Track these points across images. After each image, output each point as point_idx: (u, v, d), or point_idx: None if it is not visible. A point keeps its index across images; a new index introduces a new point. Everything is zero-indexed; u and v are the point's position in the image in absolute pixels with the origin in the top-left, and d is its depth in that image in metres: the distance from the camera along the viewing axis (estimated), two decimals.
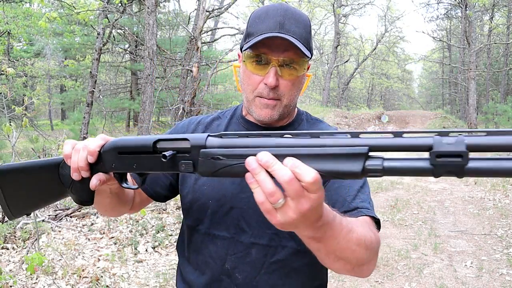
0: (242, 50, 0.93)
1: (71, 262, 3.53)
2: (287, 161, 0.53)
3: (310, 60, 0.94)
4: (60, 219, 4.61)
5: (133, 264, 3.65)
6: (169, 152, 0.62)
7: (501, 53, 23.97)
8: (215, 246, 0.95)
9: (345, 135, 0.50)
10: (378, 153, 0.50)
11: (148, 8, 7.76)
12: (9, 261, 3.52)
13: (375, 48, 29.77)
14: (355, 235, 0.68)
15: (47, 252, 3.67)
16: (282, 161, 0.53)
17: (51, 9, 12.13)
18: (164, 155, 0.62)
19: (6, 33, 10.87)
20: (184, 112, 7.89)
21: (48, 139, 8.61)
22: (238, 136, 0.58)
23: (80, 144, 0.74)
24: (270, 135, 0.56)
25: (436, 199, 6.40)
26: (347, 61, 31.13)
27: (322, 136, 0.52)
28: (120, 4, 8.68)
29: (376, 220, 0.86)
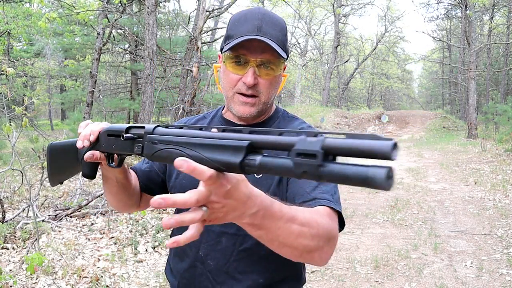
0: (222, 52, 0.99)
1: (71, 262, 3.53)
2: (179, 163, 0.53)
3: (286, 61, 1.00)
4: (60, 219, 4.61)
5: (133, 264, 3.65)
6: (128, 135, 0.74)
7: (501, 53, 23.99)
8: None
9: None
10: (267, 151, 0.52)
11: (148, 8, 7.77)
12: (9, 261, 3.52)
13: (375, 48, 29.78)
14: (298, 222, 0.69)
15: (47, 252, 3.67)
16: (185, 148, 0.58)
17: (51, 9, 12.12)
18: (123, 136, 0.75)
19: (6, 33, 10.88)
20: (184, 112, 7.88)
21: (48, 139, 8.61)
22: (179, 127, 0.66)
23: (89, 125, 0.88)
24: (194, 128, 0.62)
25: (436, 199, 6.40)
26: (347, 61, 31.13)
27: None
28: (120, 4, 8.69)
29: (338, 212, 0.87)
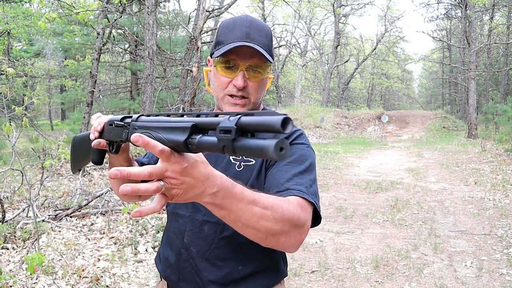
0: (212, 57, 1.06)
1: (71, 262, 3.53)
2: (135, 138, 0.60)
3: (271, 65, 1.08)
4: (60, 219, 4.61)
5: (133, 264, 3.65)
6: (119, 123, 0.83)
7: (501, 53, 23.99)
8: (177, 223, 1.11)
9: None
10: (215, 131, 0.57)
11: (148, 8, 7.77)
12: (9, 261, 3.52)
13: (375, 48, 29.79)
14: (260, 205, 0.74)
15: (47, 252, 3.67)
16: (152, 131, 0.65)
17: (51, 9, 12.11)
18: (112, 123, 0.85)
19: (6, 33, 10.87)
20: (184, 112, 7.88)
21: (48, 139, 8.62)
22: (156, 115, 0.73)
23: (99, 117, 0.95)
24: (164, 115, 0.71)
25: (436, 199, 6.40)
26: (347, 61, 31.15)
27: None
28: (119, 4, 8.68)
29: (313, 205, 0.91)
